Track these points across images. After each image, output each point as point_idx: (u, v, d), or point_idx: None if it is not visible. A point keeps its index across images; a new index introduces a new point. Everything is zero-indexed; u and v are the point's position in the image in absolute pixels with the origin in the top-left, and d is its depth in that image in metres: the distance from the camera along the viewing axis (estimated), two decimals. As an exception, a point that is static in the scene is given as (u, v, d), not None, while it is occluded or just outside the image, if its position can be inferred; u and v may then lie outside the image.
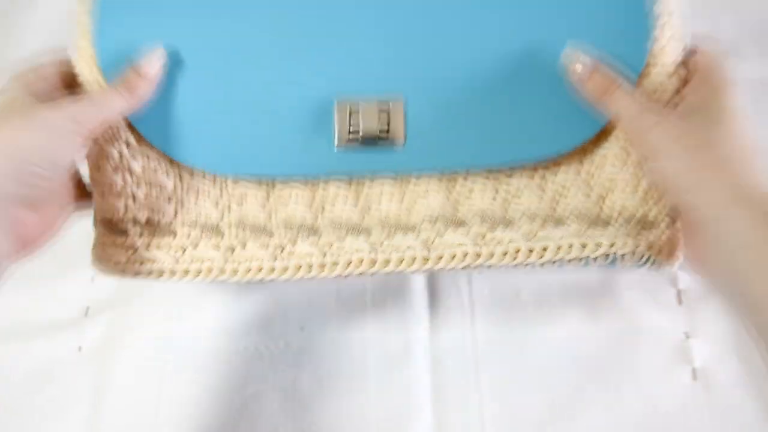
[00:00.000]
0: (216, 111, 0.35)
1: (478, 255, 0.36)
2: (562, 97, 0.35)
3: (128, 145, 0.36)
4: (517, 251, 0.36)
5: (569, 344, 0.43)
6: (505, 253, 0.36)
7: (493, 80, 0.35)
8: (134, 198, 0.37)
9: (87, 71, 0.35)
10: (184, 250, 0.37)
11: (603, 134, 0.36)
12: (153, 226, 0.37)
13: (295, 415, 0.41)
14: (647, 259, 0.36)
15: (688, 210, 0.32)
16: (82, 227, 0.49)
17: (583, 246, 0.36)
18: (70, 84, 0.35)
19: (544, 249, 0.36)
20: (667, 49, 0.34)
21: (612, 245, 0.36)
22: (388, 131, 0.35)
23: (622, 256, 0.36)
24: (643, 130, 0.32)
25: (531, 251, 0.36)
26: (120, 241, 0.37)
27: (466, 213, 0.37)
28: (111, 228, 0.37)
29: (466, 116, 0.35)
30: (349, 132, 0.35)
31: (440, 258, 0.36)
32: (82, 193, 0.38)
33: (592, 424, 0.40)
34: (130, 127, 0.36)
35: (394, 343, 0.43)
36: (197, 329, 0.45)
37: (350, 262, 0.37)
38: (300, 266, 0.37)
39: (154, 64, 0.34)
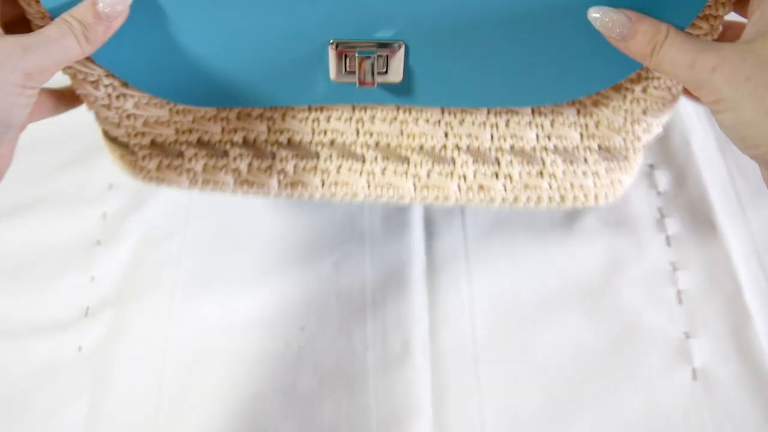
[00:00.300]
0: (201, 49, 0.32)
1: (459, 200, 0.38)
2: (576, 43, 0.31)
3: (114, 88, 0.34)
4: (502, 200, 0.38)
5: (569, 344, 0.43)
6: (485, 200, 0.38)
7: (498, 24, 0.31)
8: (133, 127, 0.36)
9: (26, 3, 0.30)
10: (194, 172, 0.38)
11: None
12: (157, 147, 0.37)
13: (295, 415, 0.41)
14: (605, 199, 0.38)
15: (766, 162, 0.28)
16: (81, 227, 0.49)
17: (563, 198, 0.38)
18: None
19: (528, 199, 0.38)
20: None
21: (575, 198, 0.37)
22: (385, 72, 0.33)
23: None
24: (701, 79, 0.27)
25: (512, 199, 0.38)
26: (131, 159, 0.38)
27: (455, 145, 0.37)
28: (115, 141, 0.38)
29: (469, 61, 0.33)
30: (346, 71, 0.33)
31: (425, 198, 0.38)
32: (55, 103, 0.35)
33: (592, 424, 0.40)
34: (111, 74, 0.33)
35: (394, 343, 0.43)
36: (197, 329, 0.45)
37: (345, 194, 0.38)
38: (301, 194, 0.38)
39: (118, 5, 0.28)
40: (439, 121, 0.37)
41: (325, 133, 0.37)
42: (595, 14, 0.29)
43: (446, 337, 0.43)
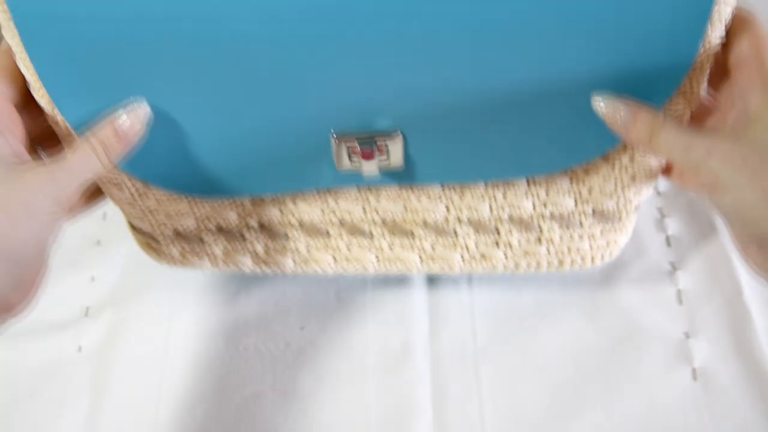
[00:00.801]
0: (212, 147, 0.34)
1: (463, 269, 0.40)
2: (565, 120, 0.33)
3: (136, 188, 0.37)
4: (504, 267, 0.41)
5: (569, 344, 0.43)
6: (487, 268, 0.41)
7: (489, 108, 0.32)
8: (156, 220, 0.39)
9: (40, 96, 0.31)
10: (215, 256, 0.41)
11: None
12: (179, 235, 0.40)
13: (295, 415, 0.41)
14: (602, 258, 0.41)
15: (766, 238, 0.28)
16: (81, 227, 0.49)
17: (561, 262, 0.40)
18: (24, 101, 0.31)
19: (528, 266, 0.40)
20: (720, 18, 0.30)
21: (572, 261, 0.40)
22: (387, 159, 0.35)
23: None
24: (697, 162, 0.28)
25: (513, 266, 0.40)
26: (156, 246, 0.41)
27: (457, 217, 0.39)
28: (141, 232, 0.40)
29: (464, 143, 0.35)
30: (350, 160, 0.35)
31: (431, 269, 0.40)
32: (85, 201, 0.37)
33: (592, 424, 0.40)
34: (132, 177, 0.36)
35: (394, 343, 0.43)
36: (197, 329, 0.45)
37: (357, 269, 0.41)
38: (315, 270, 0.41)
39: (136, 125, 0.31)
40: (441, 197, 0.38)
41: (335, 213, 0.39)
42: (599, 103, 0.31)
43: (446, 337, 0.43)
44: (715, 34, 0.30)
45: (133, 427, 0.41)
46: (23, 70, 0.30)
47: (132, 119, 0.31)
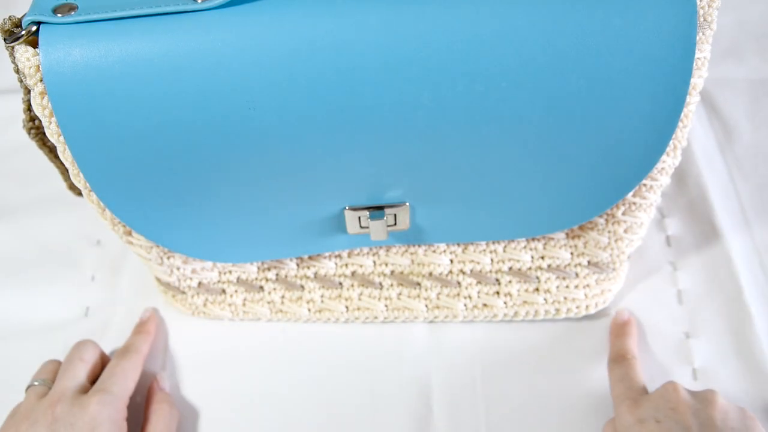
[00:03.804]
0: (238, 225, 0.37)
1: (466, 317, 0.43)
2: (564, 192, 0.36)
3: (164, 251, 0.40)
4: (504, 315, 0.43)
5: (569, 344, 0.43)
6: (488, 316, 0.43)
7: (489, 185, 0.35)
8: (183, 275, 0.43)
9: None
10: (235, 306, 0.44)
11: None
12: (203, 287, 0.43)
13: (296, 415, 0.41)
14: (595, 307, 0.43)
15: None
16: (81, 227, 0.49)
17: (557, 311, 0.42)
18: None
19: (526, 314, 0.42)
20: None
21: (568, 309, 0.42)
22: (395, 224, 0.38)
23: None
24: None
25: (512, 314, 0.43)
26: (181, 298, 0.44)
27: (460, 269, 0.42)
28: (167, 285, 0.44)
29: (468, 211, 0.37)
30: (361, 227, 0.38)
31: (436, 317, 0.43)
32: None
33: (592, 424, 0.40)
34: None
35: (395, 343, 0.43)
36: (197, 329, 0.45)
37: (367, 318, 0.43)
38: (329, 318, 0.43)
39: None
40: (445, 251, 0.42)
41: (347, 266, 0.43)
42: None
43: (446, 337, 0.43)
44: (689, 108, 0.33)
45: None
46: (75, 181, 0.33)
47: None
